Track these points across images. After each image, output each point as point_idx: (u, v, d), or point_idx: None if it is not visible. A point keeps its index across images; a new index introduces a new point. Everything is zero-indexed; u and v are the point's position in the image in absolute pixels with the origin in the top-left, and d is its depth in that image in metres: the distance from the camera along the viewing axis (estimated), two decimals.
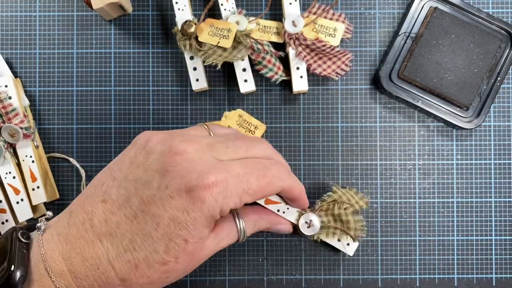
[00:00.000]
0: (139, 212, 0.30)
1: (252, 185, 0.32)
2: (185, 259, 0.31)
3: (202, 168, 0.30)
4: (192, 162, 0.31)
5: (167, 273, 0.31)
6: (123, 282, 0.30)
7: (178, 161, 0.30)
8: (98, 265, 0.30)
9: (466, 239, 0.45)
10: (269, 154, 0.36)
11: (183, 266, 0.31)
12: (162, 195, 0.30)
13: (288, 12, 0.43)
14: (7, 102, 0.41)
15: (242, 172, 0.31)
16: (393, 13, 0.46)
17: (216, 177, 0.30)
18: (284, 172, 0.35)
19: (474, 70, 0.44)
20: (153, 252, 0.30)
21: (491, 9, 0.46)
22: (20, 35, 0.46)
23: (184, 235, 0.30)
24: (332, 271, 0.45)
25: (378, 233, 0.45)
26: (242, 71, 0.43)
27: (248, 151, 0.34)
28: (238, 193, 0.31)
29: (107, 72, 0.46)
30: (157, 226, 0.30)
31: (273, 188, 0.33)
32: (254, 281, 0.45)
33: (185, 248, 0.30)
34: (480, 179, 0.45)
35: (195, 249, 0.31)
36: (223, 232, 0.34)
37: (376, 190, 0.45)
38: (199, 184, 0.30)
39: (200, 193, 0.30)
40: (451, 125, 0.45)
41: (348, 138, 0.46)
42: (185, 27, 0.42)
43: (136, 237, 0.30)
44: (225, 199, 0.30)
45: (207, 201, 0.30)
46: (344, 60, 0.43)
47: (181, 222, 0.30)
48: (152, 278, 0.31)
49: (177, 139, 0.32)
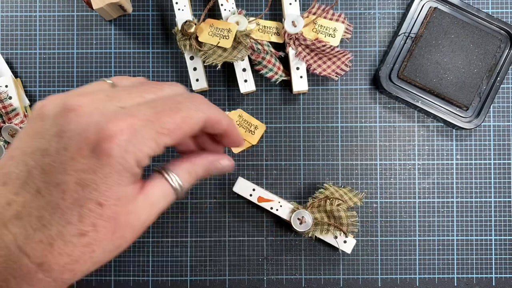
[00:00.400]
0: (41, 184, 0.27)
1: (166, 124, 0.27)
2: (106, 226, 0.27)
3: (100, 119, 0.26)
4: (90, 115, 0.27)
5: (90, 246, 0.27)
6: (41, 267, 0.27)
7: (72, 118, 0.27)
8: (8, 255, 0.26)
9: (466, 239, 0.45)
10: (182, 93, 0.31)
11: (107, 236, 0.27)
12: (62, 159, 0.26)
13: (288, 12, 0.43)
14: (7, 102, 0.41)
15: (151, 113, 0.27)
16: (393, 13, 0.46)
17: (118, 125, 0.26)
18: (203, 103, 0.30)
19: (473, 70, 0.44)
20: (67, 224, 0.26)
21: (490, 9, 0.46)
22: (21, 35, 0.46)
23: (96, 197, 0.26)
24: (332, 271, 0.45)
25: (378, 233, 0.45)
26: (242, 71, 0.43)
27: (157, 93, 0.30)
28: (152, 136, 0.27)
29: (107, 72, 0.46)
30: (64, 195, 0.26)
31: (193, 122, 0.29)
32: (254, 281, 0.45)
33: (102, 213, 0.26)
34: (480, 179, 0.45)
35: (116, 213, 0.27)
36: (155, 192, 0.30)
37: (376, 190, 0.45)
38: (100, 137, 0.26)
39: (104, 146, 0.26)
40: (450, 125, 0.45)
41: (348, 138, 0.46)
42: (185, 27, 0.42)
43: (44, 213, 0.26)
44: (136, 146, 0.26)
45: (114, 153, 0.26)
46: (344, 60, 0.44)
47: (90, 183, 0.26)
48: (74, 255, 0.27)
49: (71, 96, 0.28)
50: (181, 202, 0.45)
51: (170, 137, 0.28)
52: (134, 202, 0.28)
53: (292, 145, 0.46)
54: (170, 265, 0.45)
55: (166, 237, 0.45)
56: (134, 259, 0.45)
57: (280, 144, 0.46)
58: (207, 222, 0.45)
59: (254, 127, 0.45)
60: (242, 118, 0.45)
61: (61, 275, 0.27)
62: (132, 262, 0.45)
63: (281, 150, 0.46)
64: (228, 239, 0.45)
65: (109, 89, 0.30)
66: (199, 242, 0.45)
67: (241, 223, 0.45)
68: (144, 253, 0.45)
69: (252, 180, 0.45)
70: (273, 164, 0.45)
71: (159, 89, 0.30)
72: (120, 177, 0.27)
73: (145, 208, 0.29)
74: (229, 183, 0.45)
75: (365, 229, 0.45)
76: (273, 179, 0.45)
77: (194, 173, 0.32)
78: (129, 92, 0.29)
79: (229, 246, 0.45)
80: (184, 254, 0.45)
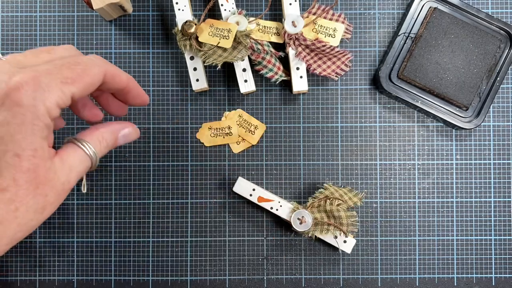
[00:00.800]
0: None
1: (68, 74, 0.29)
2: (26, 180, 0.27)
3: (3, 78, 0.27)
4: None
5: (13, 203, 0.27)
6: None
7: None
8: None
9: (466, 238, 0.45)
10: (74, 53, 0.33)
11: (28, 191, 0.27)
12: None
13: (288, 13, 0.43)
14: None
15: (52, 67, 0.29)
16: (393, 13, 0.46)
17: (22, 77, 0.27)
18: (98, 60, 0.32)
19: (473, 70, 0.44)
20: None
21: (490, 9, 0.46)
22: (21, 35, 0.46)
23: (12, 149, 0.27)
24: (332, 271, 0.45)
25: (377, 233, 0.45)
26: (242, 71, 0.44)
27: (50, 52, 0.31)
28: (57, 85, 0.28)
29: None
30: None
31: (93, 74, 0.31)
32: (254, 281, 0.45)
33: (21, 166, 0.27)
34: (480, 179, 0.45)
35: (35, 166, 0.28)
36: (70, 157, 0.31)
37: (376, 190, 0.45)
38: (7, 90, 0.27)
39: (12, 97, 0.27)
40: (450, 125, 0.45)
41: (348, 138, 0.46)
42: (185, 27, 0.42)
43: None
44: (44, 94, 0.28)
45: (24, 102, 0.27)
46: (344, 60, 0.44)
47: (4, 135, 0.27)
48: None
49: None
50: (181, 202, 0.45)
51: (74, 85, 0.29)
52: (51, 161, 0.29)
53: (292, 145, 0.46)
54: (170, 265, 0.45)
55: (166, 237, 0.45)
56: (134, 259, 0.45)
57: (280, 144, 0.46)
58: (207, 222, 0.45)
59: (254, 127, 0.45)
60: (242, 118, 0.45)
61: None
62: (132, 262, 0.45)
63: (281, 150, 0.46)
64: (228, 239, 0.45)
65: (7, 59, 0.30)
66: (199, 242, 0.45)
67: (241, 223, 0.45)
68: (144, 253, 0.45)
69: (252, 180, 0.45)
70: (273, 164, 0.46)
71: (53, 49, 0.32)
72: (33, 126, 0.27)
73: (63, 171, 0.30)
74: (229, 183, 0.45)
75: (365, 229, 0.45)
76: (273, 179, 0.45)
77: (104, 141, 0.34)
78: (24, 55, 0.30)
79: (229, 246, 0.45)
80: (184, 254, 0.45)
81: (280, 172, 0.45)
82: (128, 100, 0.36)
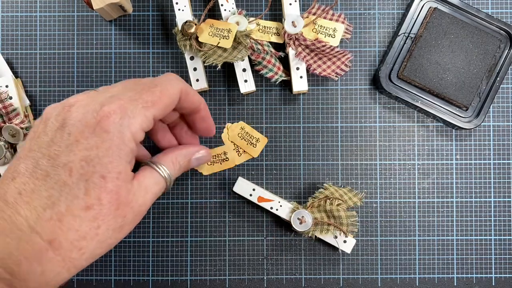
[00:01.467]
0: (50, 168, 0.29)
1: (148, 98, 0.32)
2: (110, 200, 0.30)
3: (96, 106, 0.31)
4: (86, 106, 0.31)
5: (96, 221, 0.29)
6: (52, 244, 0.28)
7: (73, 110, 0.31)
8: (21, 236, 0.28)
9: (466, 238, 0.45)
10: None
11: (110, 210, 0.30)
12: (67, 143, 0.30)
13: (288, 13, 0.43)
14: (7, 102, 0.42)
15: (133, 93, 0.32)
16: (393, 13, 0.46)
17: (110, 107, 0.30)
18: (174, 78, 0.35)
19: (473, 70, 0.44)
20: (74, 199, 0.29)
21: (490, 9, 0.46)
22: (21, 36, 0.46)
23: (99, 171, 0.29)
24: (332, 271, 0.45)
25: (377, 232, 0.45)
26: (242, 71, 0.44)
27: (135, 81, 0.34)
28: (140, 111, 0.31)
29: (108, 72, 0.46)
30: (71, 172, 0.29)
31: (170, 94, 0.33)
32: (254, 281, 0.45)
33: (105, 186, 0.29)
34: (480, 179, 0.45)
35: (118, 187, 0.30)
36: (146, 179, 0.34)
37: (376, 190, 0.45)
38: (98, 118, 0.30)
39: (102, 125, 0.30)
40: (450, 125, 0.45)
41: (348, 138, 0.46)
42: (185, 27, 0.42)
43: (53, 192, 0.29)
44: (130, 120, 0.31)
45: (111, 129, 0.30)
46: (344, 60, 0.44)
47: (93, 158, 0.29)
48: (82, 230, 0.29)
49: (67, 99, 0.32)
50: (181, 202, 0.45)
51: (155, 108, 0.32)
52: (131, 183, 0.31)
53: (292, 145, 0.46)
54: (170, 265, 0.45)
55: (166, 237, 0.45)
56: (134, 259, 0.45)
57: (280, 144, 0.46)
58: (207, 222, 0.45)
59: (255, 140, 0.45)
60: (244, 130, 0.45)
61: (69, 253, 0.29)
62: (132, 262, 0.45)
63: (281, 150, 0.46)
64: (228, 239, 0.45)
65: (95, 90, 0.34)
66: (199, 242, 0.45)
67: (241, 223, 0.45)
68: (144, 253, 0.45)
69: (252, 180, 0.45)
70: (273, 164, 0.46)
71: (138, 79, 0.35)
72: (120, 150, 0.30)
73: (141, 192, 0.32)
74: (229, 183, 0.45)
75: (365, 229, 0.45)
76: (273, 179, 0.45)
77: (177, 163, 0.37)
78: (112, 86, 0.33)
79: (229, 246, 0.45)
80: (184, 254, 0.45)
81: (280, 172, 0.45)
82: (196, 123, 0.39)
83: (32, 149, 0.31)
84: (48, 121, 0.31)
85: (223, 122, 0.46)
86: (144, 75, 0.46)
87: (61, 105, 0.31)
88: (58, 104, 0.32)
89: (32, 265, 0.28)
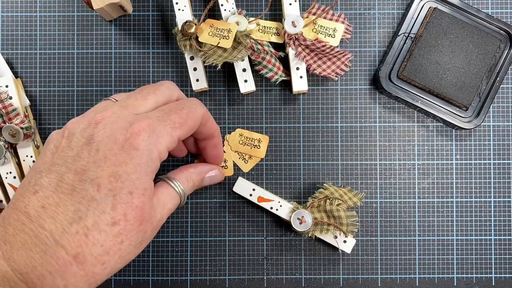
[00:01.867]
0: (76, 183, 0.30)
1: (176, 119, 0.33)
2: (135, 216, 0.30)
3: (125, 123, 0.31)
4: (114, 123, 0.31)
5: (120, 236, 0.30)
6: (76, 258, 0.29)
7: (100, 127, 0.31)
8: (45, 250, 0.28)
9: (466, 238, 0.45)
10: (176, 91, 0.37)
11: (134, 226, 0.30)
12: (95, 159, 0.30)
13: (288, 13, 0.43)
14: (7, 102, 0.42)
15: (162, 114, 0.33)
16: (393, 13, 0.46)
17: (140, 125, 0.31)
18: (198, 103, 0.36)
19: (473, 70, 0.44)
20: (101, 214, 0.29)
21: (490, 9, 0.46)
22: (21, 35, 0.46)
23: (127, 186, 0.30)
24: (332, 271, 0.45)
25: (377, 232, 0.45)
26: (242, 72, 0.44)
27: (156, 92, 0.35)
28: (167, 131, 0.32)
29: (108, 72, 0.46)
30: (99, 187, 0.29)
31: (195, 117, 0.35)
32: (254, 281, 0.45)
33: (132, 202, 0.30)
34: (480, 179, 0.45)
35: (143, 203, 0.31)
36: (163, 195, 0.35)
37: (376, 190, 0.45)
38: (127, 135, 0.30)
39: (131, 142, 0.30)
40: (450, 125, 0.45)
41: (348, 138, 0.46)
42: (185, 27, 0.42)
43: (80, 206, 0.29)
44: (157, 139, 0.31)
45: (141, 147, 0.30)
46: (344, 60, 0.44)
47: (122, 174, 0.30)
48: (106, 245, 0.29)
49: (91, 115, 0.32)
50: None
51: (181, 129, 0.33)
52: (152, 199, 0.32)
53: (292, 145, 0.46)
54: (170, 265, 0.45)
55: (166, 237, 0.45)
56: (134, 259, 0.45)
57: (280, 144, 0.46)
58: (207, 222, 0.45)
59: (257, 141, 0.45)
60: (243, 135, 0.45)
61: (93, 268, 0.29)
62: (132, 262, 0.45)
63: (281, 150, 0.46)
64: (228, 239, 0.45)
65: (118, 102, 0.34)
66: (199, 242, 0.45)
67: (241, 223, 0.45)
68: (144, 253, 0.45)
69: (252, 180, 0.45)
70: (273, 164, 0.46)
71: (157, 89, 0.35)
72: (147, 167, 0.31)
73: (159, 208, 0.33)
74: (229, 183, 0.45)
75: (365, 229, 0.45)
76: (273, 179, 0.45)
77: (190, 180, 0.38)
78: (135, 99, 0.34)
79: (229, 246, 0.45)
80: (184, 254, 0.45)
81: (280, 172, 0.45)
82: (207, 149, 0.41)
83: (55, 163, 0.31)
84: (73, 137, 0.31)
85: (223, 122, 0.46)
86: (144, 75, 0.46)
87: (86, 121, 0.32)
88: (82, 119, 0.32)
89: (56, 279, 0.28)
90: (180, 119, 0.33)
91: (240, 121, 0.46)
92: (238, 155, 0.45)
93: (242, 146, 0.45)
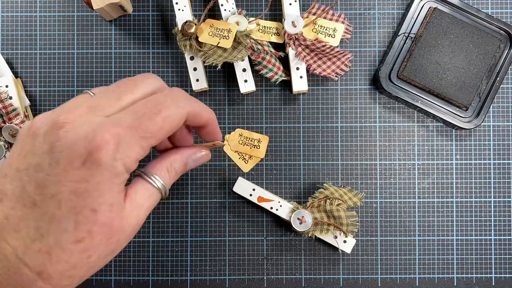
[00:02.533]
0: (37, 197, 0.28)
1: (149, 127, 0.29)
2: (101, 232, 0.28)
3: (87, 133, 0.28)
4: (77, 130, 0.28)
5: (86, 252, 0.28)
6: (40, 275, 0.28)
7: (61, 134, 0.28)
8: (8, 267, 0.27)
9: (466, 238, 0.45)
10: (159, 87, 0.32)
11: (102, 242, 0.29)
12: (56, 172, 0.28)
13: (288, 13, 0.43)
14: (7, 102, 0.42)
15: (132, 119, 0.29)
16: (393, 13, 0.46)
17: (103, 136, 0.28)
18: (181, 99, 0.31)
19: (473, 70, 0.44)
20: (63, 232, 0.28)
21: (490, 9, 0.46)
22: (21, 36, 0.46)
23: (90, 204, 0.28)
24: (332, 271, 0.45)
25: (377, 232, 0.45)
26: (242, 72, 0.44)
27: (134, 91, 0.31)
28: (137, 142, 0.29)
29: (108, 72, 0.46)
30: (60, 204, 0.28)
31: (173, 121, 0.30)
32: (254, 281, 0.45)
33: (96, 220, 0.28)
34: (480, 179, 0.45)
35: (111, 219, 0.28)
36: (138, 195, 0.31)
37: (376, 190, 0.45)
38: (89, 149, 0.27)
39: (93, 156, 0.27)
40: (450, 125, 0.45)
41: (348, 138, 0.46)
42: (185, 27, 0.42)
43: (41, 223, 0.28)
44: (124, 153, 0.28)
45: (103, 162, 0.28)
46: (344, 60, 0.44)
47: (83, 192, 0.28)
48: (72, 261, 0.28)
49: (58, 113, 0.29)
50: (181, 202, 0.45)
51: (155, 138, 0.29)
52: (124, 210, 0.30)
53: (292, 145, 0.46)
54: (170, 265, 0.45)
55: (166, 237, 0.45)
56: (134, 259, 0.45)
57: (280, 144, 0.46)
58: (207, 222, 0.45)
59: (257, 141, 0.45)
60: (243, 136, 0.45)
61: (60, 281, 0.28)
62: (132, 262, 0.45)
63: (281, 150, 0.46)
64: (228, 239, 0.45)
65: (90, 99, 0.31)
66: (199, 242, 0.45)
67: (241, 223, 0.45)
68: (144, 253, 0.45)
69: (252, 180, 0.45)
70: (273, 164, 0.46)
71: (135, 87, 0.31)
72: (111, 184, 0.28)
73: (133, 212, 0.30)
74: (229, 183, 0.45)
75: (365, 229, 0.45)
76: (273, 179, 0.45)
77: (173, 171, 0.34)
78: (108, 98, 0.30)
79: (229, 246, 0.45)
80: (184, 254, 0.45)
81: (280, 172, 0.45)
82: (201, 135, 0.36)
83: (19, 169, 0.29)
84: (36, 140, 0.29)
85: (223, 122, 0.46)
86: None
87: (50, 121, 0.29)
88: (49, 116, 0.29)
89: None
90: (154, 126, 0.29)
91: (240, 121, 0.46)
92: (238, 155, 0.45)
93: (242, 146, 0.45)
